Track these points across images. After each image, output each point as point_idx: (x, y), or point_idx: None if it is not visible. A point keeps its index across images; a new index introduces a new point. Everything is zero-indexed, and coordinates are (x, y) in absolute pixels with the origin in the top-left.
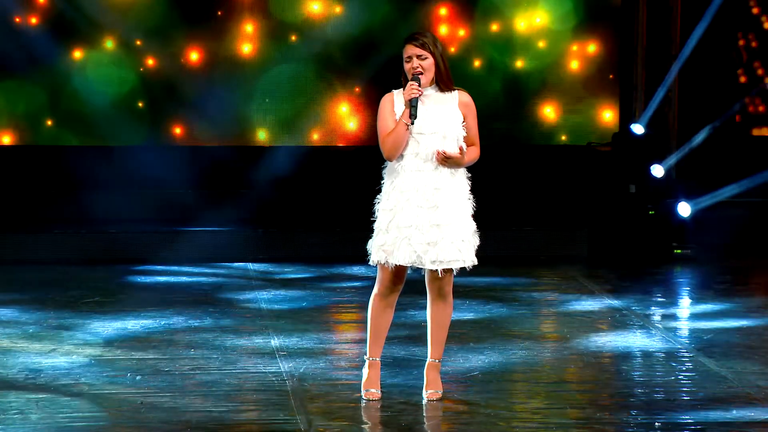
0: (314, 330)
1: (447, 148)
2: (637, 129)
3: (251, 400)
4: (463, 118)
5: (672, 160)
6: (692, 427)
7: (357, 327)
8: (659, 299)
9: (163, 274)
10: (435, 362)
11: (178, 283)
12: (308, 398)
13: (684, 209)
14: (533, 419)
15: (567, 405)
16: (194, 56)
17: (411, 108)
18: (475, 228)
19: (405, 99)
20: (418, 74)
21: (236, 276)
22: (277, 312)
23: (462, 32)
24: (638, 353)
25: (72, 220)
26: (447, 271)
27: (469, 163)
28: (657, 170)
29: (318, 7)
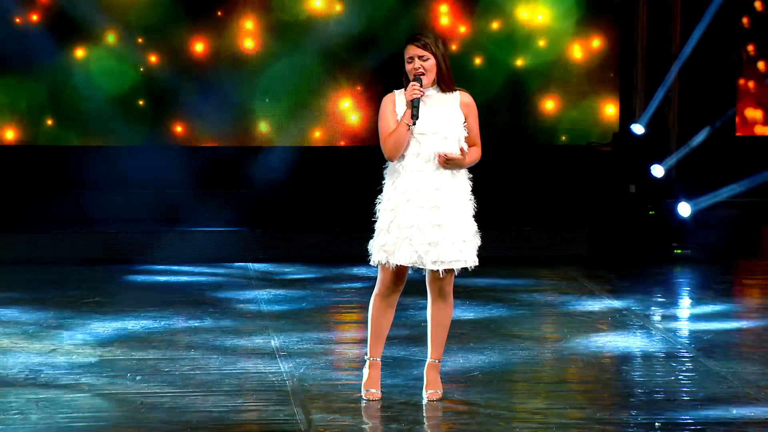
0: (314, 330)
1: (448, 149)
2: (637, 129)
3: (251, 400)
4: (465, 119)
5: (672, 160)
6: (692, 427)
7: (357, 327)
8: (659, 299)
9: (163, 274)
10: (435, 362)
11: (178, 283)
12: (308, 398)
13: (684, 209)
14: (533, 419)
15: (567, 405)
16: (195, 54)
17: (412, 108)
18: (477, 228)
19: (406, 99)
20: (420, 75)
21: (236, 276)
22: (277, 312)
23: (462, 29)
24: (638, 353)
25: (71, 220)
26: (448, 272)
27: (471, 164)
28: (657, 170)
29: (320, 4)
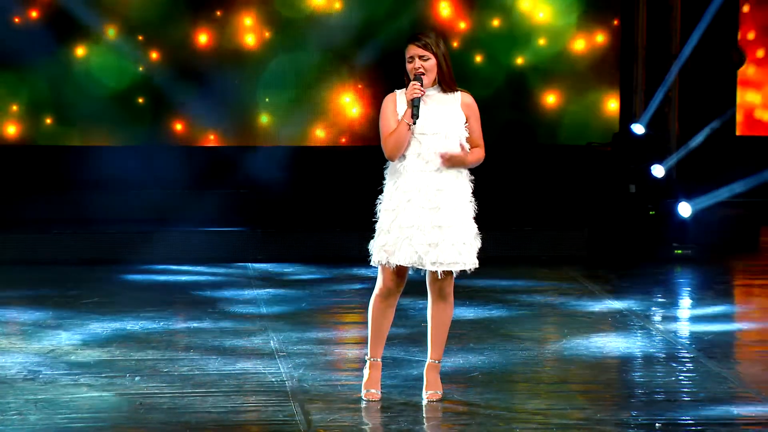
0: (314, 330)
1: (449, 149)
2: (638, 129)
3: (251, 401)
4: (466, 119)
5: (672, 160)
6: (693, 428)
7: (357, 327)
8: (659, 299)
9: (162, 274)
10: (435, 363)
11: (177, 284)
12: (308, 399)
13: (684, 209)
14: (534, 420)
15: (567, 406)
16: (195, 52)
17: (413, 108)
18: (477, 230)
19: (407, 99)
20: (420, 75)
21: (236, 276)
22: (277, 312)
23: (463, 25)
24: (638, 354)
25: (71, 220)
26: (447, 273)
27: (474, 164)
28: (657, 170)
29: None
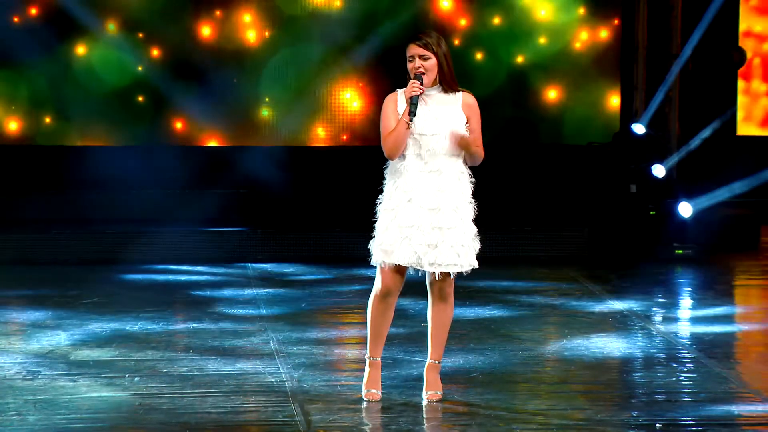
0: (314, 331)
1: (448, 149)
2: (638, 129)
3: (250, 401)
4: (467, 120)
5: (673, 160)
6: (693, 428)
7: (357, 328)
8: (660, 300)
9: (162, 273)
10: (435, 363)
11: (177, 284)
12: (307, 399)
13: (685, 209)
14: (534, 420)
15: (568, 406)
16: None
17: (410, 105)
18: (477, 232)
19: (405, 97)
20: (421, 74)
21: (236, 276)
22: (277, 312)
23: (463, 22)
24: (639, 354)
25: (71, 220)
26: (446, 274)
27: (474, 161)
28: (658, 170)
29: None
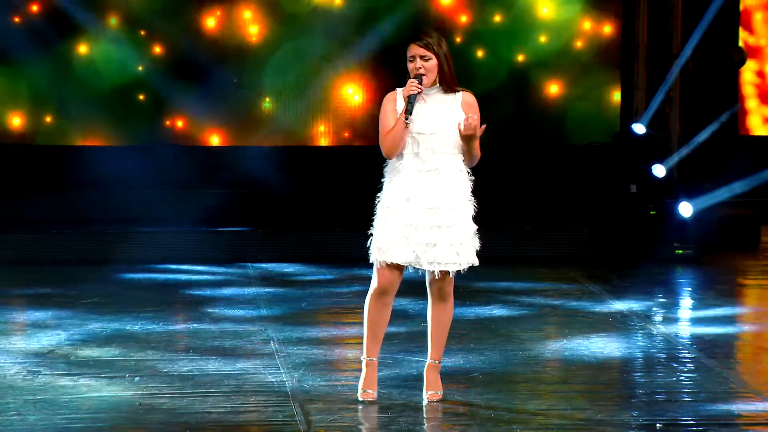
0: (314, 331)
1: (447, 147)
2: (639, 128)
3: (250, 401)
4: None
5: (673, 160)
6: (694, 428)
7: (357, 328)
8: (660, 299)
9: (162, 273)
10: (435, 363)
11: (177, 283)
12: (308, 399)
13: (685, 209)
14: (534, 420)
15: (568, 406)
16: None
17: (407, 105)
18: (476, 230)
19: (403, 96)
20: (421, 75)
21: (236, 276)
22: (277, 312)
23: (464, 18)
24: (639, 354)
25: (71, 220)
26: (445, 273)
27: (472, 160)
28: (658, 170)
29: None
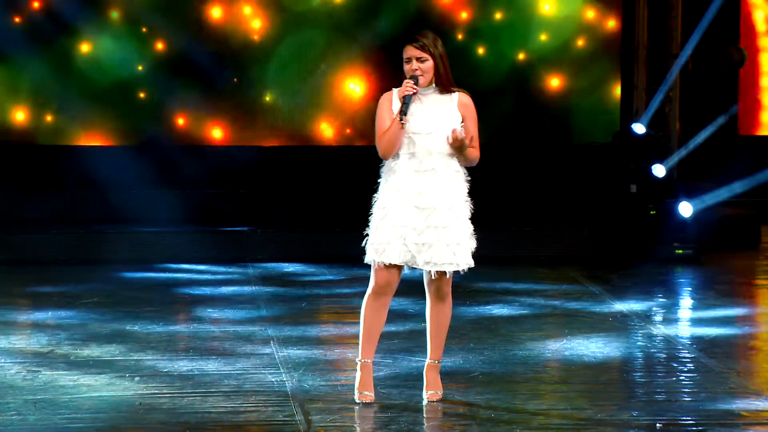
0: (314, 331)
1: (443, 148)
2: (638, 128)
3: (250, 401)
4: (462, 119)
5: (673, 160)
6: (693, 428)
7: (357, 327)
8: (660, 299)
9: (162, 272)
10: (434, 363)
11: (177, 283)
12: (308, 399)
13: (685, 209)
14: (534, 420)
15: (568, 406)
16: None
17: (403, 105)
18: (473, 231)
19: (398, 96)
20: (417, 75)
21: (236, 275)
22: (277, 312)
23: (464, 15)
24: (639, 354)
25: (71, 220)
26: (442, 273)
27: (469, 162)
28: (658, 170)
29: None
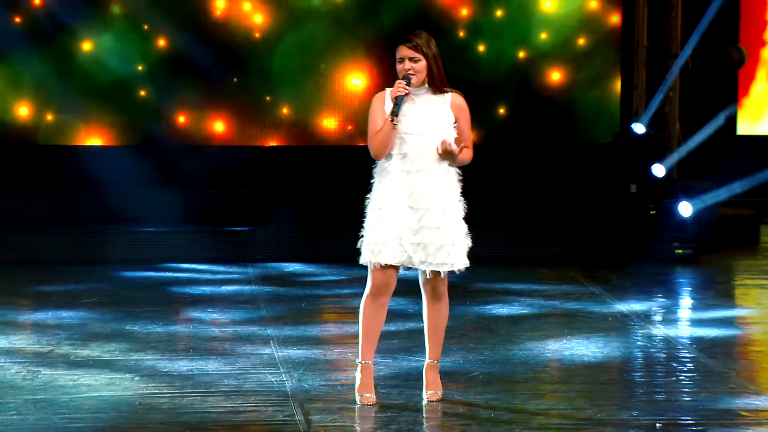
0: (314, 331)
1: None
2: (638, 128)
3: (250, 401)
4: (455, 120)
5: (673, 160)
6: (693, 428)
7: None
8: (660, 299)
9: (162, 271)
10: (434, 363)
11: (177, 283)
12: (307, 399)
13: (685, 209)
14: (534, 420)
15: (568, 406)
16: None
17: (395, 106)
18: (467, 230)
19: (390, 97)
20: (410, 75)
21: (236, 275)
22: (277, 312)
23: (465, 11)
24: (639, 354)
25: (71, 220)
26: (437, 273)
27: (462, 163)
28: (658, 170)
29: None
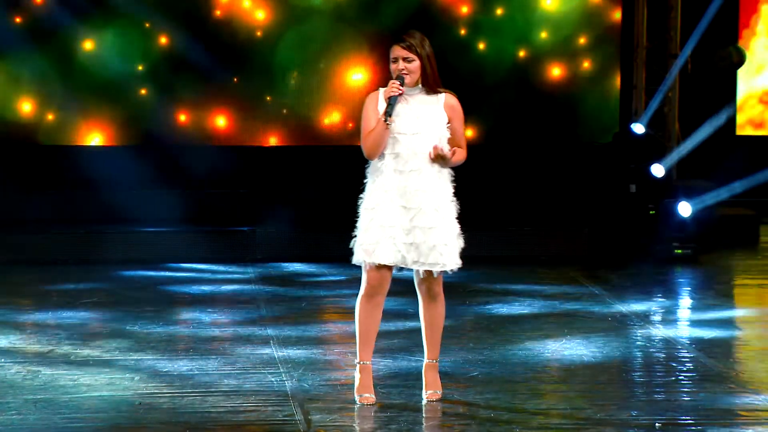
0: (314, 331)
1: (429, 149)
2: (638, 128)
3: (250, 401)
4: (448, 120)
5: (672, 160)
6: (693, 428)
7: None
8: (660, 299)
9: (162, 271)
10: (432, 363)
11: (177, 283)
12: (307, 399)
13: (684, 209)
14: (534, 420)
15: (568, 406)
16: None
17: (388, 106)
18: (459, 230)
19: (384, 97)
20: (403, 75)
21: (236, 275)
22: (276, 312)
23: (465, 9)
24: (638, 354)
25: (71, 220)
26: (430, 272)
27: (456, 164)
28: (657, 170)
29: None
